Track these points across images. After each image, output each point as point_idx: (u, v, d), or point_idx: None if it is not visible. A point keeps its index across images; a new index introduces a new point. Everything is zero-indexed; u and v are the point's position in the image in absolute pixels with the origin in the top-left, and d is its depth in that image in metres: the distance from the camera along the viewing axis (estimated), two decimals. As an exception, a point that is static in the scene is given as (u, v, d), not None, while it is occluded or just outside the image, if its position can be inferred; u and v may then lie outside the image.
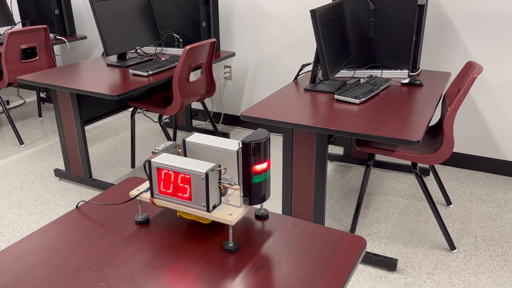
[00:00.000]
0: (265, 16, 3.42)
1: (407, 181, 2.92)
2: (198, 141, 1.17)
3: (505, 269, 2.11)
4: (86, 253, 1.05)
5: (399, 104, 2.14)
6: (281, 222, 1.18)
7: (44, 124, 3.97)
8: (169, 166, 1.05)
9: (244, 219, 1.19)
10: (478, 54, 2.85)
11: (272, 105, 2.15)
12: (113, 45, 2.89)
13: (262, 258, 1.04)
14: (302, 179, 2.15)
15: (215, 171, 1.04)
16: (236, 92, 3.78)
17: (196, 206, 1.06)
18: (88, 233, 1.13)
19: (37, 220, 2.54)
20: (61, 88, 2.55)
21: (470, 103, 2.96)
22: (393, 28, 2.57)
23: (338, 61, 2.40)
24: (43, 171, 3.12)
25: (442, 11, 2.86)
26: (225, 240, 1.09)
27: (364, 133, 1.82)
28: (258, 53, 3.56)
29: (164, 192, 1.09)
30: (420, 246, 2.28)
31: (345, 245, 1.08)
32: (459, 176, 2.98)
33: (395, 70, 2.61)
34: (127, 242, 1.09)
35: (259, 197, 1.08)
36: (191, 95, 2.88)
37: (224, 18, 3.58)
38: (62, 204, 2.70)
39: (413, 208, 2.61)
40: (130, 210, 1.23)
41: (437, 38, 2.92)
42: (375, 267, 2.13)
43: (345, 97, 2.16)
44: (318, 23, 2.15)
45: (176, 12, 3.31)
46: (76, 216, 1.21)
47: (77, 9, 4.28)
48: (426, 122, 1.91)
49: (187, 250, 1.06)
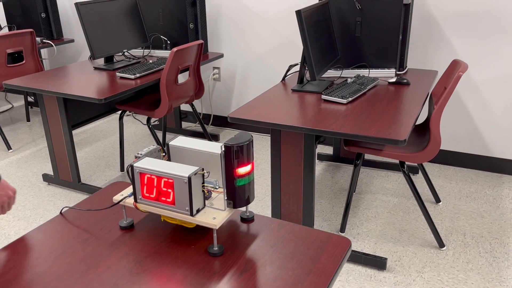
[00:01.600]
0: (253, 17, 3.42)
1: (397, 180, 2.93)
2: (182, 145, 1.16)
3: (493, 265, 2.12)
4: (69, 260, 1.04)
5: (386, 103, 2.15)
6: (266, 225, 1.17)
7: (32, 129, 3.94)
8: (152, 170, 1.05)
9: (229, 222, 1.19)
10: (464, 52, 2.86)
11: (260, 106, 2.14)
12: (99, 48, 2.87)
13: (247, 261, 1.03)
14: (291, 180, 2.15)
15: (198, 175, 1.04)
16: (225, 93, 3.78)
17: (179, 210, 1.05)
18: (72, 240, 1.12)
19: (25, 226, 2.51)
20: (47, 92, 2.53)
21: (457, 100, 2.98)
22: (380, 28, 2.58)
23: (325, 61, 2.41)
24: (31, 176, 3.09)
25: (427, 10, 2.87)
26: (210, 244, 1.09)
27: (351, 133, 1.82)
28: (246, 54, 3.56)
29: (147, 197, 1.08)
30: (410, 245, 2.29)
31: (330, 246, 1.08)
32: (447, 174, 3.00)
33: (382, 69, 2.62)
34: (111, 248, 1.08)
35: (243, 200, 1.07)
36: (179, 97, 2.87)
37: (212, 19, 3.57)
38: (50, 210, 2.68)
39: (403, 207, 2.62)
40: (115, 215, 1.22)
41: (424, 37, 2.94)
42: (364, 267, 2.14)
43: (332, 97, 2.17)
44: (304, 24, 2.15)
45: (163, 14, 3.30)
46: (59, 222, 1.19)
47: (64, 12, 4.25)
48: (412, 121, 1.92)
49: (171, 254, 1.06)
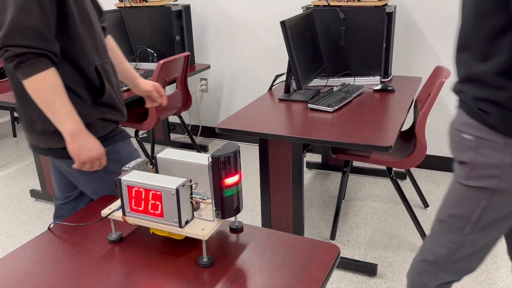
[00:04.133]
0: (238, 28, 3.45)
1: (385, 186, 2.96)
2: (170, 157, 1.17)
3: (482, 268, 2.15)
4: (58, 275, 1.04)
5: (371, 111, 2.17)
6: (255, 234, 1.18)
7: (19, 144, 3.91)
8: (140, 183, 1.05)
9: (218, 232, 1.19)
10: (447, 58, 2.92)
11: (247, 116, 2.16)
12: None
13: (237, 271, 1.04)
14: (280, 189, 2.16)
15: (186, 187, 1.04)
16: (213, 104, 3.79)
17: (168, 222, 1.05)
18: (61, 255, 1.11)
19: (13, 243, 2.48)
20: (33, 107, 2.52)
21: (442, 106, 3.03)
22: (364, 36, 2.62)
23: (311, 71, 2.43)
24: (18, 192, 3.06)
25: (410, 18, 2.92)
26: (200, 255, 1.09)
27: (337, 140, 1.84)
28: (233, 65, 3.58)
29: (135, 209, 1.08)
30: (400, 250, 2.30)
31: (319, 254, 1.09)
32: (435, 178, 3.04)
33: (367, 77, 2.65)
34: (100, 262, 1.08)
35: (231, 210, 1.08)
36: (167, 109, 2.87)
37: (198, 31, 3.60)
38: (39, 226, 2.65)
39: (392, 212, 2.64)
40: (104, 229, 1.22)
41: (407, 44, 2.99)
42: (355, 273, 2.15)
43: (319, 106, 2.19)
44: (289, 34, 2.18)
45: (149, 27, 3.31)
46: (48, 238, 1.19)
47: (50, 27, 4.24)
48: (397, 128, 1.94)
49: (161, 267, 1.06)
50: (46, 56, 1.24)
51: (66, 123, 1.28)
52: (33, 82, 1.23)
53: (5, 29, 1.18)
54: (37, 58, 1.22)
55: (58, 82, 1.27)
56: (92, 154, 1.33)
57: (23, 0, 1.18)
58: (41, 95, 1.25)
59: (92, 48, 1.37)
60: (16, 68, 1.22)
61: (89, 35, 1.36)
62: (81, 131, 1.31)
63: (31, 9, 1.19)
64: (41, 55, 1.23)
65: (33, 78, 1.23)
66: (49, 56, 1.25)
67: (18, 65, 1.21)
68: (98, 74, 1.39)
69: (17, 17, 1.18)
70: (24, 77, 1.23)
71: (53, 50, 1.25)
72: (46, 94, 1.25)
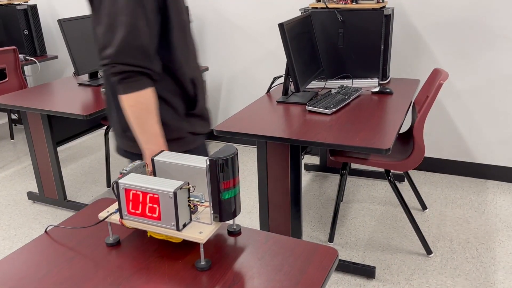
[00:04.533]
0: (236, 31, 3.45)
1: (383, 188, 2.96)
2: (167, 159, 1.16)
3: (480, 270, 2.15)
4: (54, 279, 1.03)
5: (369, 113, 2.17)
6: (253, 237, 1.17)
7: (16, 146, 3.90)
8: (137, 186, 1.05)
9: (216, 235, 1.18)
10: (445, 60, 2.92)
11: (246, 118, 2.15)
12: (83, 64, 2.86)
13: (235, 275, 1.03)
14: (278, 191, 2.15)
15: (184, 190, 1.04)
16: (211, 106, 3.78)
17: (166, 225, 1.05)
18: (57, 258, 1.10)
19: (10, 246, 2.47)
20: (30, 109, 2.51)
21: (441, 108, 3.03)
22: (362, 38, 2.62)
23: (309, 73, 2.43)
24: (15, 194, 3.05)
25: (408, 21, 2.93)
26: (197, 258, 1.08)
27: (336, 143, 1.84)
28: (231, 67, 3.58)
29: (133, 213, 1.07)
30: (398, 252, 2.30)
31: (317, 257, 1.08)
32: (433, 181, 3.04)
33: (365, 79, 2.65)
34: (98, 266, 1.07)
35: (229, 213, 1.07)
36: (165, 112, 2.86)
37: (196, 33, 3.59)
38: (36, 228, 2.64)
39: (390, 215, 2.64)
40: (101, 233, 1.21)
41: (405, 47, 2.99)
42: (354, 276, 2.14)
43: (317, 108, 2.19)
44: (287, 37, 2.18)
45: (147, 29, 3.30)
46: (44, 241, 1.18)
47: (47, 29, 4.24)
48: (396, 130, 1.94)
49: (159, 270, 1.05)
50: (147, 74, 1.27)
51: (151, 143, 1.31)
52: (130, 98, 1.26)
53: (115, 47, 1.22)
54: (139, 76, 1.25)
55: (153, 102, 1.29)
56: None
57: (132, 20, 1.21)
58: (135, 112, 1.28)
59: (188, 59, 1.39)
60: (118, 83, 1.26)
61: (186, 46, 1.38)
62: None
63: (140, 28, 1.22)
64: (143, 73, 1.26)
65: (131, 95, 1.26)
66: (150, 74, 1.27)
67: (121, 80, 1.24)
68: (193, 85, 1.41)
69: (127, 37, 1.21)
70: (123, 92, 1.26)
71: (155, 68, 1.28)
72: (139, 112, 1.27)
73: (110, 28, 1.23)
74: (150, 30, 1.25)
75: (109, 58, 1.23)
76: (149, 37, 1.25)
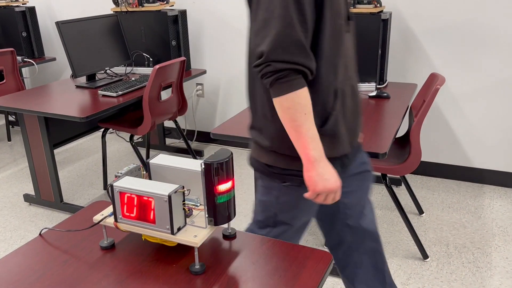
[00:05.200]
0: (235, 34, 3.46)
1: (380, 192, 2.96)
2: (163, 163, 1.16)
3: (476, 275, 2.15)
4: (48, 283, 1.03)
5: (366, 117, 2.18)
6: (248, 241, 1.17)
7: (13, 148, 3.89)
8: (132, 189, 1.04)
9: (211, 239, 1.18)
10: (442, 65, 2.93)
11: (243, 121, 2.15)
12: (81, 66, 2.86)
13: (229, 279, 1.03)
14: (275, 195, 2.15)
15: (178, 193, 1.03)
16: (209, 109, 3.79)
17: (160, 229, 1.05)
18: (51, 261, 1.10)
19: (6, 248, 2.47)
20: (27, 111, 2.51)
21: (437, 113, 3.03)
22: (359, 43, 2.63)
23: (306, 76, 2.43)
24: (12, 196, 3.04)
25: (405, 25, 2.94)
26: (192, 262, 1.08)
27: (332, 147, 1.84)
28: (229, 70, 3.58)
29: (127, 216, 1.07)
30: (394, 257, 2.30)
31: (312, 261, 1.08)
32: (430, 185, 3.04)
33: (363, 83, 2.66)
34: (92, 269, 1.07)
35: (224, 217, 1.07)
36: (162, 114, 2.87)
37: (194, 36, 3.60)
38: (32, 230, 2.64)
39: (387, 219, 2.64)
40: (96, 236, 1.21)
41: (403, 51, 3.00)
42: (350, 280, 2.14)
43: (314, 112, 2.19)
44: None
45: (146, 31, 3.31)
46: (39, 244, 1.18)
47: (46, 31, 4.24)
48: (392, 134, 1.94)
49: (153, 274, 1.05)
50: (303, 73, 1.16)
51: (309, 148, 1.19)
52: (286, 100, 1.16)
53: (270, 43, 1.12)
54: (295, 75, 1.15)
55: (310, 103, 1.18)
56: (328, 185, 1.22)
57: (288, 13, 1.12)
58: (291, 114, 1.16)
59: (337, 69, 1.24)
60: (272, 84, 1.16)
61: (336, 53, 1.23)
62: (322, 158, 1.21)
63: (296, 23, 1.12)
64: (299, 71, 1.15)
65: (287, 96, 1.15)
66: (305, 73, 1.17)
67: (275, 81, 1.15)
68: (334, 98, 1.26)
69: (283, 31, 1.12)
70: (277, 94, 1.16)
71: (311, 66, 1.17)
72: (296, 114, 1.16)
73: (264, 24, 1.14)
74: (306, 25, 1.14)
75: (263, 56, 1.13)
76: (305, 32, 1.14)
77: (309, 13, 1.15)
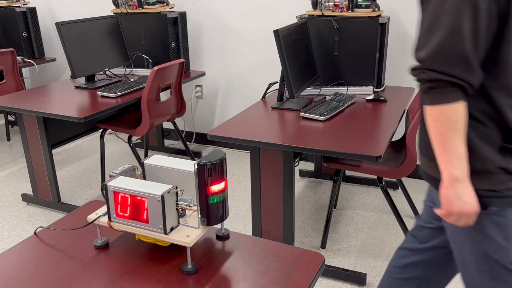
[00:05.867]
0: (234, 36, 3.47)
1: (377, 195, 2.96)
2: (157, 163, 1.17)
3: (471, 279, 2.15)
4: (42, 280, 1.04)
5: (363, 120, 2.19)
6: (241, 242, 1.18)
7: (12, 148, 3.90)
8: (125, 189, 1.05)
9: (204, 239, 1.19)
10: (440, 69, 2.93)
11: (240, 123, 2.17)
12: (80, 67, 2.87)
13: (221, 279, 1.04)
14: (271, 197, 2.16)
15: (172, 193, 1.04)
16: (208, 110, 3.80)
17: (153, 228, 1.06)
18: (45, 260, 1.11)
19: (3, 247, 2.47)
20: (26, 111, 2.52)
21: (435, 117, 3.04)
22: (357, 46, 2.64)
23: (304, 80, 2.45)
24: (10, 196, 3.05)
25: (403, 29, 2.95)
26: (185, 262, 1.09)
27: (328, 149, 1.85)
28: (228, 72, 3.60)
29: (121, 215, 1.08)
30: (389, 260, 2.30)
31: (304, 262, 1.09)
32: (426, 188, 3.04)
33: (360, 87, 2.67)
34: (85, 268, 1.08)
35: (217, 217, 1.08)
36: (160, 116, 2.88)
37: (194, 38, 3.61)
38: (29, 230, 2.64)
39: (383, 222, 2.65)
40: (90, 235, 1.22)
41: (400, 55, 3.01)
42: (345, 282, 2.15)
43: (311, 114, 2.20)
44: (282, 43, 2.20)
45: (145, 33, 3.33)
46: (33, 243, 1.19)
47: (46, 31, 4.26)
48: (388, 138, 1.96)
49: (146, 273, 1.06)
50: (461, 86, 1.10)
51: (452, 166, 1.13)
52: (436, 111, 1.11)
53: (430, 50, 1.08)
54: (450, 88, 1.09)
55: (463, 119, 1.11)
56: (464, 208, 1.15)
57: (457, 22, 1.05)
58: (438, 127, 1.12)
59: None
60: (425, 91, 1.13)
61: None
62: (464, 179, 1.14)
63: (464, 33, 1.06)
64: (456, 84, 1.09)
65: (438, 107, 1.10)
66: (465, 88, 1.10)
67: (429, 89, 1.11)
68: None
69: (446, 41, 1.06)
70: (429, 102, 1.12)
71: (472, 81, 1.09)
72: (444, 128, 1.11)
73: (429, 29, 1.09)
74: (476, 36, 1.07)
75: (420, 62, 1.10)
76: (473, 43, 1.07)
77: (485, 24, 1.07)
